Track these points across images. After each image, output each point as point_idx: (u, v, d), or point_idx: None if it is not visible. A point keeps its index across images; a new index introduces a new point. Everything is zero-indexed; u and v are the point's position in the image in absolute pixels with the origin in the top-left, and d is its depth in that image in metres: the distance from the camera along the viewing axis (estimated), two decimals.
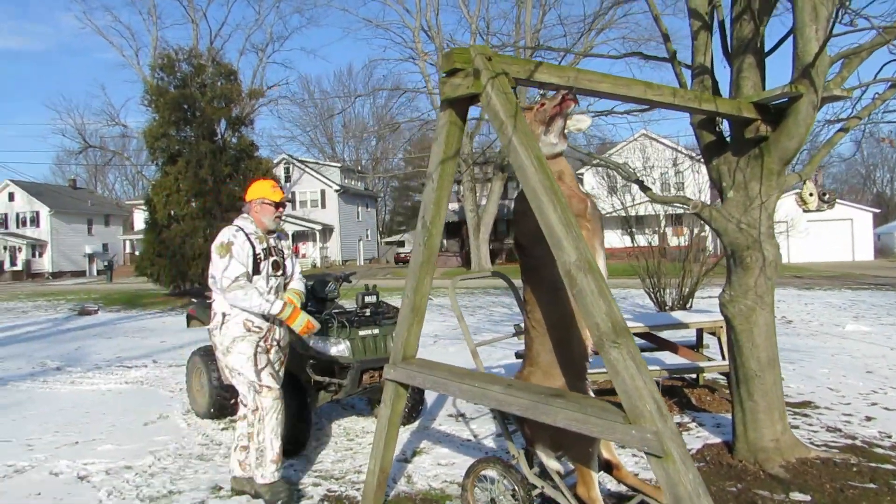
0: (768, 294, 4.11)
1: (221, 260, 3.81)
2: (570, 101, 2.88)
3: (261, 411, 3.86)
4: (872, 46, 3.71)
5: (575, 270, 2.37)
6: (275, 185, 4.11)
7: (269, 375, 3.91)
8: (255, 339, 3.90)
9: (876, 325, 10.73)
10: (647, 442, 2.16)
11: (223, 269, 3.78)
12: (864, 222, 38.47)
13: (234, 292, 3.76)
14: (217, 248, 3.85)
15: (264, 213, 4.03)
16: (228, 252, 3.81)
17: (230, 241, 3.85)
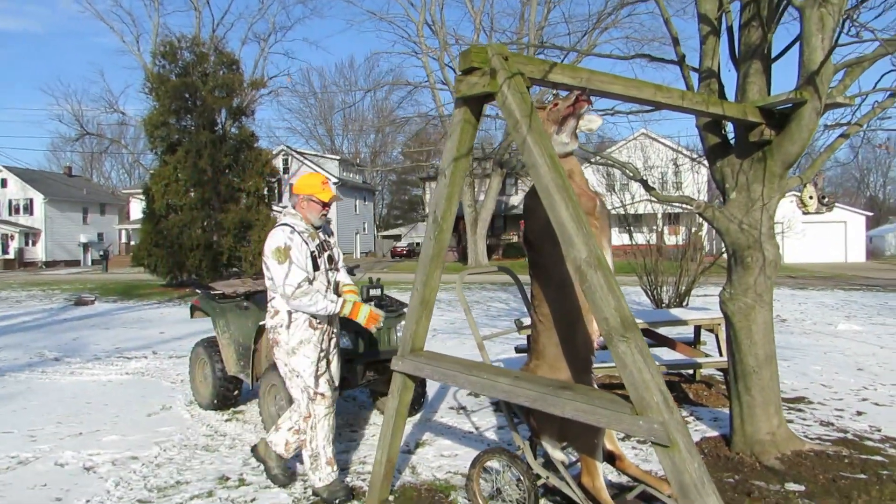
0: (767, 293, 4.21)
1: (280, 267, 3.70)
2: (584, 101, 2.95)
3: (313, 419, 3.85)
4: (875, 57, 3.81)
5: (585, 267, 2.46)
6: (325, 183, 3.99)
7: (325, 382, 3.91)
8: (318, 338, 3.89)
9: (867, 325, 10.89)
10: (655, 432, 2.25)
11: (284, 276, 3.69)
12: (857, 225, 38.74)
13: (298, 300, 3.69)
14: (274, 253, 3.74)
15: (311, 210, 3.92)
16: (287, 258, 3.71)
17: (287, 245, 3.73)
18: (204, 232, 20.10)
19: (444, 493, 3.87)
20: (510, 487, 3.35)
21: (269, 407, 4.99)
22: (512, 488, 3.34)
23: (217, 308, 5.86)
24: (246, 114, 21.97)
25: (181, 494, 3.98)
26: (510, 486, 3.35)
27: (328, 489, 3.83)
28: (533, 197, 3.06)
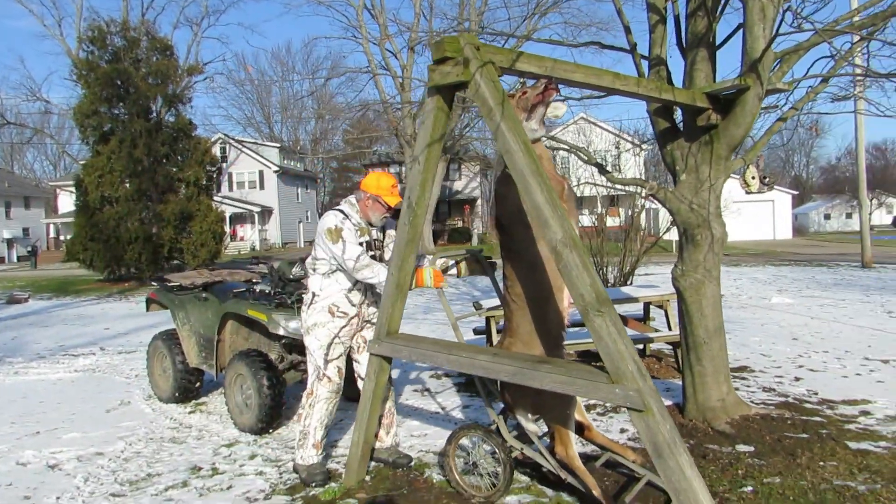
0: (715, 268, 4.48)
1: (336, 245, 3.78)
2: (553, 90, 3.09)
3: (313, 398, 3.93)
4: (810, 45, 4.08)
5: (561, 247, 2.60)
6: (395, 186, 3.95)
7: (335, 368, 3.96)
8: (336, 326, 3.94)
9: (798, 298, 11.57)
10: (630, 398, 2.43)
11: (342, 252, 3.76)
12: (784, 203, 40.70)
13: (361, 272, 3.75)
14: (327, 233, 3.81)
15: (375, 209, 3.94)
16: (340, 237, 3.79)
17: (339, 226, 3.82)
18: (142, 224, 19.49)
19: (418, 471, 3.99)
20: (485, 461, 3.50)
21: (236, 396, 5.00)
22: (487, 462, 3.49)
23: (175, 300, 5.79)
24: (182, 101, 21.32)
25: (155, 486, 3.97)
26: (485, 460, 3.51)
27: (307, 469, 3.91)
28: (503, 183, 3.18)
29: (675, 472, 2.37)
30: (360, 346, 4.14)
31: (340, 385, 4.02)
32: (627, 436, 4.44)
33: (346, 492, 3.71)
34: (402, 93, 28.63)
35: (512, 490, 3.60)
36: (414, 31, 26.86)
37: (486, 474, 3.49)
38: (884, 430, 4.31)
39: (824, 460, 3.76)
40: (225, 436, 4.91)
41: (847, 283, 13.86)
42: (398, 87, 28.91)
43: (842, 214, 57.19)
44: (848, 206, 53.71)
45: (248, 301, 5.09)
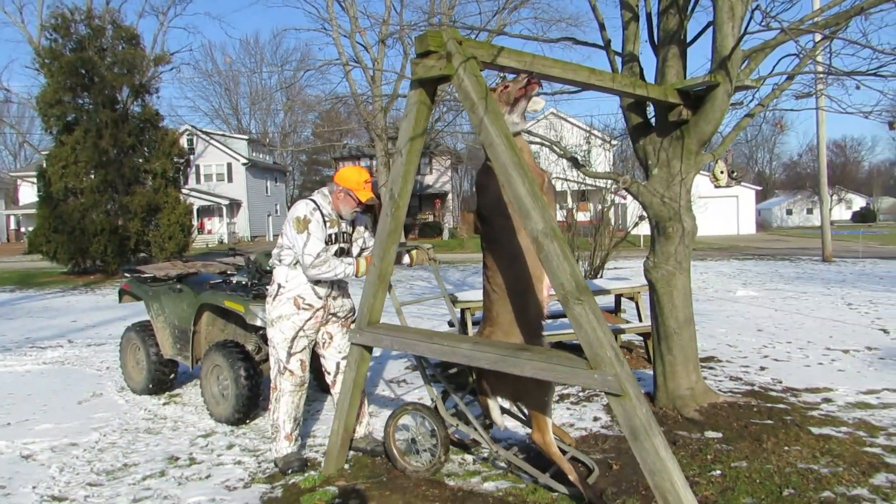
0: (686, 260, 4.61)
1: (300, 236, 3.78)
2: (535, 84, 3.16)
3: (278, 392, 3.94)
4: (777, 43, 4.22)
5: (542, 237, 2.68)
6: (368, 182, 3.96)
7: (298, 361, 3.96)
8: (301, 319, 3.92)
9: (762, 291, 11.90)
10: (609, 383, 2.52)
11: (303, 245, 3.76)
12: (747, 199, 41.63)
13: (318, 268, 3.75)
14: (294, 221, 3.81)
15: (346, 203, 3.95)
16: (306, 228, 3.78)
17: (307, 217, 3.81)
18: (108, 216, 19.12)
19: None
20: (424, 438, 3.71)
21: (212, 387, 4.99)
22: (426, 438, 3.69)
23: (150, 292, 5.74)
24: (149, 91, 20.92)
25: (132, 476, 3.96)
26: (424, 437, 3.71)
27: (284, 460, 3.94)
28: (484, 174, 3.25)
29: (650, 454, 2.47)
30: (326, 341, 4.13)
31: (304, 378, 4.02)
32: (601, 424, 4.56)
33: (325, 480, 3.75)
34: (373, 86, 28.50)
35: (490, 477, 3.69)
36: (385, 25, 26.76)
37: (425, 450, 3.73)
38: (844, 416, 4.50)
39: (789, 445, 3.92)
40: (201, 426, 4.91)
41: (809, 277, 14.29)
42: (369, 80, 28.76)
43: (803, 210, 58.74)
44: (809, 202, 55.18)
45: (224, 292, 5.08)
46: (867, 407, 4.69)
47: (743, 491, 3.34)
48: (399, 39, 25.79)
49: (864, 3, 4.00)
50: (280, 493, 3.65)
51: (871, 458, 3.68)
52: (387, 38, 26.39)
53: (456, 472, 3.79)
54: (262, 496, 3.61)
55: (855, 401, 4.85)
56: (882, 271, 15.11)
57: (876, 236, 32.78)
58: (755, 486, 3.38)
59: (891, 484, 3.36)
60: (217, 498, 3.62)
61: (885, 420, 4.38)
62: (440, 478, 3.71)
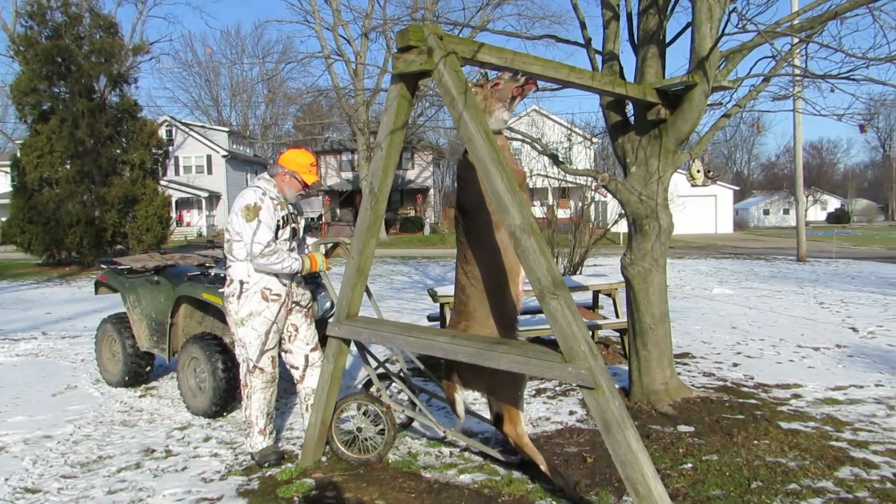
0: (662, 258, 4.68)
1: (249, 224, 3.70)
2: (533, 84, 3.22)
3: (249, 389, 3.92)
4: (754, 45, 4.29)
5: (520, 232, 2.71)
6: (314, 165, 3.96)
7: (269, 358, 3.94)
8: (273, 312, 3.89)
9: (737, 289, 12.08)
10: (583, 377, 2.56)
11: (252, 233, 3.70)
12: (725, 198, 42.14)
13: (266, 258, 3.71)
14: (243, 210, 3.73)
15: (291, 185, 3.92)
16: (256, 216, 3.72)
17: (257, 204, 3.74)
18: (84, 207, 18.83)
19: None
20: (366, 426, 3.84)
21: (189, 380, 4.97)
22: (369, 425, 3.83)
23: (126, 283, 5.70)
24: (127, 81, 20.62)
25: (107, 468, 3.94)
26: (366, 425, 3.83)
27: (260, 454, 3.94)
28: (467, 168, 3.27)
29: (622, 446, 2.52)
30: (292, 334, 4.10)
31: (275, 374, 4.00)
32: (576, 417, 4.62)
33: (302, 472, 3.76)
34: (355, 79, 28.39)
35: (466, 469, 3.73)
36: (368, 18, 26.64)
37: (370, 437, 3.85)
38: (813, 411, 4.60)
39: (758, 439, 4.01)
40: (178, 419, 4.89)
41: (783, 276, 14.53)
42: (352, 73, 28.66)
43: (780, 210, 59.62)
44: (786, 203, 56.01)
45: (202, 284, 5.06)
46: (835, 403, 4.80)
47: (713, 483, 3.41)
48: (382, 33, 25.71)
49: (838, 7, 4.09)
50: (256, 485, 3.65)
51: (837, 452, 3.78)
52: (370, 31, 26.31)
53: (432, 465, 3.82)
54: (238, 488, 3.62)
55: (823, 397, 4.96)
56: (854, 271, 15.40)
57: (849, 237, 33.40)
58: (724, 479, 3.46)
59: (855, 477, 3.46)
60: (193, 490, 3.61)
61: (852, 415, 4.49)
62: (416, 470, 3.75)
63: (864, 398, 4.91)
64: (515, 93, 3.27)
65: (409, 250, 25.80)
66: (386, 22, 18.52)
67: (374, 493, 3.46)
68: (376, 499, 3.39)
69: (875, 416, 4.49)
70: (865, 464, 3.62)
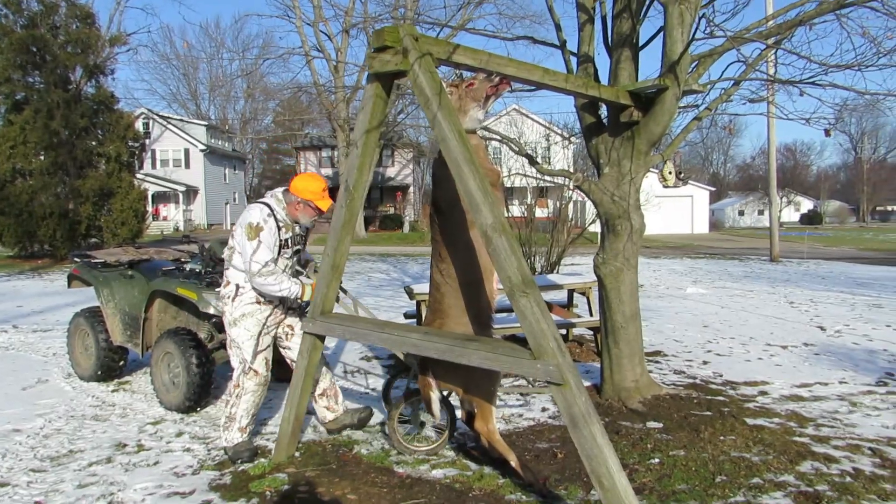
0: (634, 257, 4.77)
1: (250, 242, 3.76)
2: (507, 84, 3.27)
3: (240, 390, 3.94)
4: (723, 50, 4.39)
5: (491, 231, 2.76)
6: (325, 190, 3.96)
7: (263, 360, 4.00)
8: (264, 315, 3.96)
9: (710, 288, 12.28)
10: (551, 373, 2.62)
11: (251, 252, 3.75)
12: (701, 199, 42.70)
13: (263, 277, 3.75)
14: (246, 228, 3.79)
15: (305, 213, 3.94)
16: (257, 236, 3.76)
17: (260, 225, 3.79)
18: (58, 199, 18.55)
19: (347, 447, 4.10)
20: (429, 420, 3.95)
21: (163, 375, 4.95)
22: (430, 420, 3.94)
23: (100, 277, 5.65)
24: (104, 72, 20.36)
25: (77, 462, 3.93)
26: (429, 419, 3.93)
27: (234, 449, 3.95)
28: (442, 167, 3.31)
29: (587, 440, 2.58)
30: (289, 333, 4.19)
31: (268, 377, 4.05)
32: (548, 414, 4.69)
33: (275, 467, 3.78)
34: (336, 76, 28.27)
35: (438, 465, 3.78)
36: (349, 15, 26.55)
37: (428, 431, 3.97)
38: (778, 408, 4.72)
39: (724, 435, 4.11)
40: (150, 414, 4.87)
41: (756, 276, 14.78)
42: (332, 70, 28.53)
43: (754, 211, 60.51)
44: (760, 203, 56.83)
45: (177, 279, 5.04)
46: (799, 399, 4.93)
47: (679, 478, 3.50)
48: (363, 30, 25.64)
49: (804, 14, 4.20)
50: (229, 479, 3.67)
51: (799, 447, 3.89)
52: (351, 28, 26.22)
53: (405, 461, 3.86)
54: (210, 482, 3.63)
55: (789, 393, 5.09)
56: (824, 271, 15.73)
57: (821, 238, 34.03)
58: (690, 474, 3.54)
59: (815, 471, 3.56)
60: (165, 484, 3.62)
61: (815, 412, 4.62)
62: (389, 465, 3.79)
63: (828, 395, 5.05)
64: (490, 93, 3.32)
65: (388, 248, 25.79)
66: (367, 19, 18.48)
67: (346, 488, 3.49)
68: (348, 493, 3.43)
69: (838, 412, 4.62)
70: (826, 458, 3.73)
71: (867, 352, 6.56)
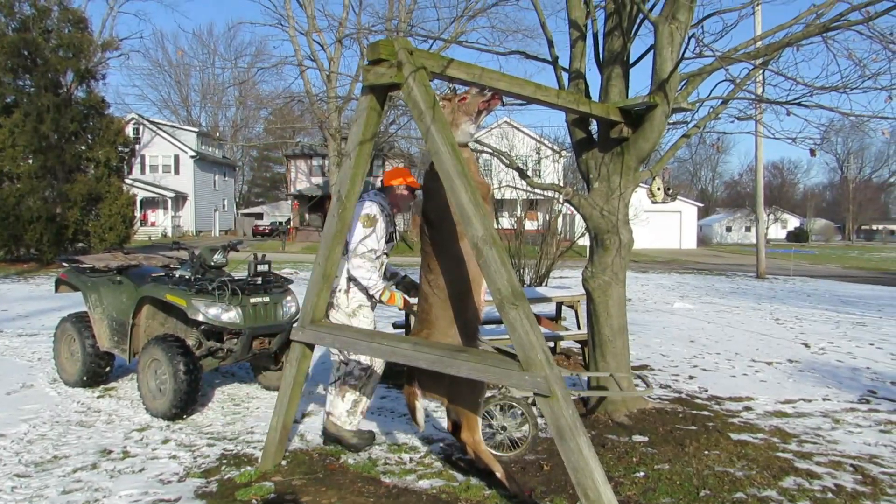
0: (622, 272, 4.81)
1: (364, 229, 3.99)
2: (498, 99, 3.32)
3: (371, 368, 4.13)
4: (712, 69, 4.47)
5: (482, 244, 2.80)
6: (408, 171, 4.36)
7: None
8: (371, 305, 4.20)
9: (697, 303, 12.38)
10: (538, 385, 2.65)
11: (362, 237, 3.97)
12: (690, 215, 43.06)
13: (363, 260, 3.95)
14: (363, 218, 4.01)
15: (405, 199, 4.28)
16: (373, 226, 4.02)
17: (376, 217, 4.05)
18: (46, 203, 18.44)
19: (334, 456, 4.10)
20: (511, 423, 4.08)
21: (149, 381, 4.94)
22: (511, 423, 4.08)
23: (88, 282, 5.64)
24: (95, 77, 20.35)
25: (62, 468, 3.90)
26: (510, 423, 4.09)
27: (357, 434, 4.18)
28: (433, 179, 3.34)
29: (574, 453, 2.61)
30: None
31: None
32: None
33: (262, 475, 3.78)
34: (328, 85, 28.34)
35: (425, 475, 3.79)
36: (342, 25, 26.66)
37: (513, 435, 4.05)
38: (762, 423, 4.77)
39: (709, 449, 4.15)
40: (136, 420, 4.84)
41: (742, 292, 14.92)
42: (325, 79, 28.60)
43: (742, 227, 61.09)
44: (748, 220, 57.41)
45: (167, 286, 5.04)
46: (783, 416, 4.99)
47: (663, 492, 3.53)
48: (356, 40, 25.77)
49: (792, 36, 4.29)
50: (215, 487, 3.65)
51: (783, 463, 3.94)
52: (344, 38, 26.31)
53: (392, 471, 3.87)
54: (196, 490, 3.61)
55: (773, 409, 5.15)
56: (810, 289, 15.89)
57: (807, 256, 34.38)
58: (675, 487, 3.58)
59: (798, 486, 3.61)
60: (150, 491, 3.60)
61: (798, 428, 4.67)
62: (376, 475, 3.79)
63: (811, 412, 5.11)
64: (482, 107, 3.38)
65: None
66: (360, 31, 18.58)
67: (332, 497, 3.49)
68: (335, 502, 3.43)
69: (821, 428, 4.68)
70: (808, 474, 3.78)
71: (850, 369, 6.64)
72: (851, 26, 4.32)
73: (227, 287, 5.03)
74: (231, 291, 5.03)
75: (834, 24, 4.19)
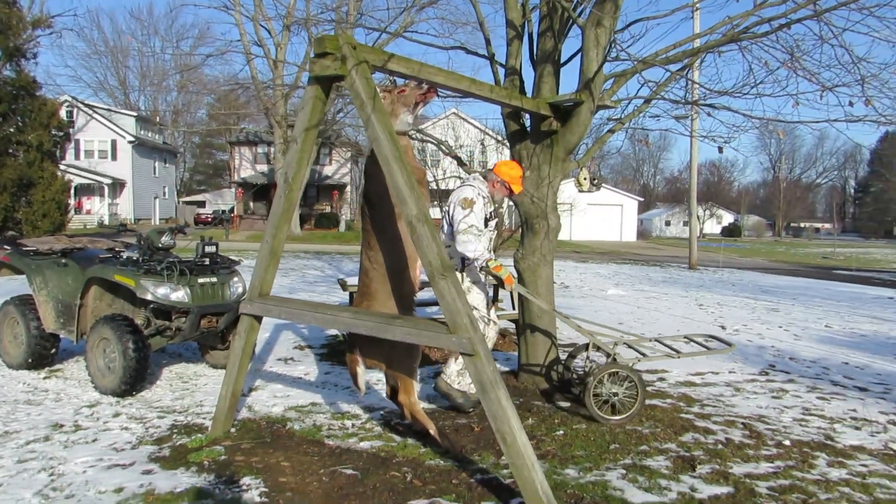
0: (550, 254, 5.23)
1: (464, 210, 4.35)
2: (434, 93, 3.65)
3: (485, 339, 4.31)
4: (634, 72, 4.91)
5: (416, 221, 3.13)
6: (521, 177, 4.71)
7: (494, 313, 4.77)
8: (484, 281, 4.58)
9: (630, 290, 13.06)
10: (464, 345, 3.00)
11: (463, 216, 4.33)
12: (631, 208, 44.46)
13: (467, 235, 4.28)
14: (461, 201, 4.40)
15: (500, 191, 4.62)
16: (471, 207, 4.35)
17: (473, 199, 4.39)
18: None
19: (281, 424, 4.38)
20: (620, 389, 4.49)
21: (98, 360, 5.07)
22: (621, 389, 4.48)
23: (32, 265, 5.70)
24: (25, 56, 19.68)
25: (14, 441, 4.04)
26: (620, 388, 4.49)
27: (463, 395, 4.50)
28: (373, 163, 3.65)
29: (494, 403, 2.98)
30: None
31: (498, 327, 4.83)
32: None
33: (212, 440, 4.03)
34: (274, 72, 28.08)
35: (366, 438, 4.11)
36: (290, 13, 26.44)
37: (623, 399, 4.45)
38: (672, 391, 5.29)
39: None
40: (85, 398, 4.98)
41: (673, 281, 15.74)
42: (271, 65, 28.34)
43: (680, 222, 63.24)
44: (686, 215, 59.37)
45: (115, 266, 5.18)
46: (692, 385, 5.52)
47: (578, 446, 3.96)
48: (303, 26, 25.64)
49: (702, 46, 4.76)
50: (168, 452, 3.88)
51: (684, 423, 4.44)
52: (292, 24, 26.12)
53: (335, 434, 4.18)
54: (150, 455, 3.84)
55: (683, 380, 5.68)
56: (735, 279, 16.87)
57: (738, 249, 36.08)
58: (588, 443, 4.02)
59: (695, 440, 4.10)
60: (105, 458, 3.80)
61: (703, 395, 5.20)
62: (321, 439, 4.09)
63: (717, 382, 5.66)
64: (419, 99, 3.71)
65: (323, 246, 25.83)
66: (309, 20, 18.57)
67: (279, 457, 3.78)
68: (282, 461, 3.72)
69: (722, 395, 5.22)
70: (706, 431, 4.28)
71: (757, 347, 7.28)
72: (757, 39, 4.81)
73: (176, 268, 5.20)
74: (179, 272, 5.21)
75: (742, 35, 4.67)
